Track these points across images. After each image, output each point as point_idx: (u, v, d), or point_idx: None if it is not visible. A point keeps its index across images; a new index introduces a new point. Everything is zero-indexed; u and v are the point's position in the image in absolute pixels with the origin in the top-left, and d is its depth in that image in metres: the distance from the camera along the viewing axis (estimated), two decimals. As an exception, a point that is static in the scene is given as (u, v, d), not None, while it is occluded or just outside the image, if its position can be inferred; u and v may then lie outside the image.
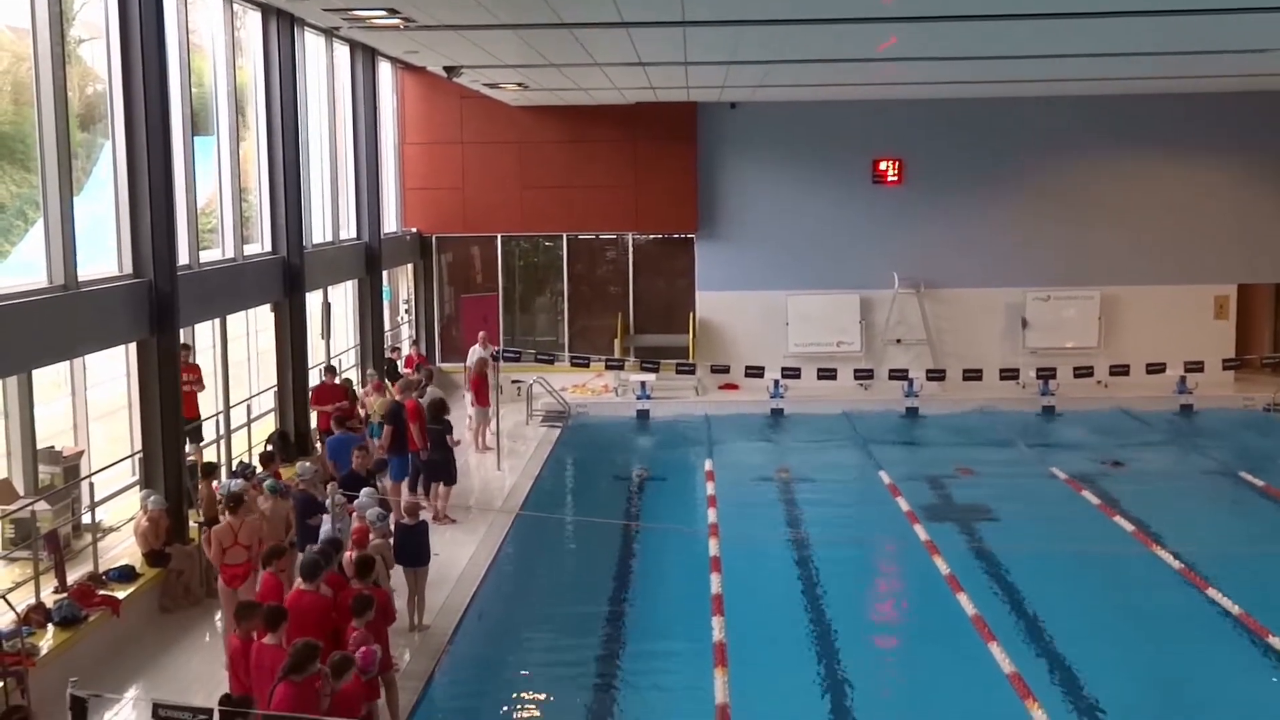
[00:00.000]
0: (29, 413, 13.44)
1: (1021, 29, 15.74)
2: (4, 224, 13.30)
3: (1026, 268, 27.61)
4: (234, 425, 17.78)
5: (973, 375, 23.87)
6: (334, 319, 22.35)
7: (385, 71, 26.16)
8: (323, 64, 22.25)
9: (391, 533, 13.28)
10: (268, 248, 19.19)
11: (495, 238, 28.30)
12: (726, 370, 25.04)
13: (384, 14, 15.02)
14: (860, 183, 27.73)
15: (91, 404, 15.05)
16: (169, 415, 14.59)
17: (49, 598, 12.19)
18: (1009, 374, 24.21)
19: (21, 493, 13.29)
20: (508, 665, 12.93)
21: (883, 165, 27.69)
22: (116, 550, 14.17)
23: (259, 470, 15.52)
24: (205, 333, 17.85)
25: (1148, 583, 15.39)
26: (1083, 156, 27.55)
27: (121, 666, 12.12)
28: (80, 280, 13.24)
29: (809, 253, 27.69)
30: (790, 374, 23.83)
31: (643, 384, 25.78)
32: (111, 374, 15.58)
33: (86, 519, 14.06)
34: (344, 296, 24.17)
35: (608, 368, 25.57)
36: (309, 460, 16.13)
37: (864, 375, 25.20)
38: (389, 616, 11.09)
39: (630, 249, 28.39)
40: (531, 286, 28.87)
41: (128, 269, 14.47)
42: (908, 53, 18.70)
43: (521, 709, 11.96)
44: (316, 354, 21.12)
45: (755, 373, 23.68)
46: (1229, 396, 26.37)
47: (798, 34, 16.31)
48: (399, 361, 24.74)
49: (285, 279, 19.16)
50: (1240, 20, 15.20)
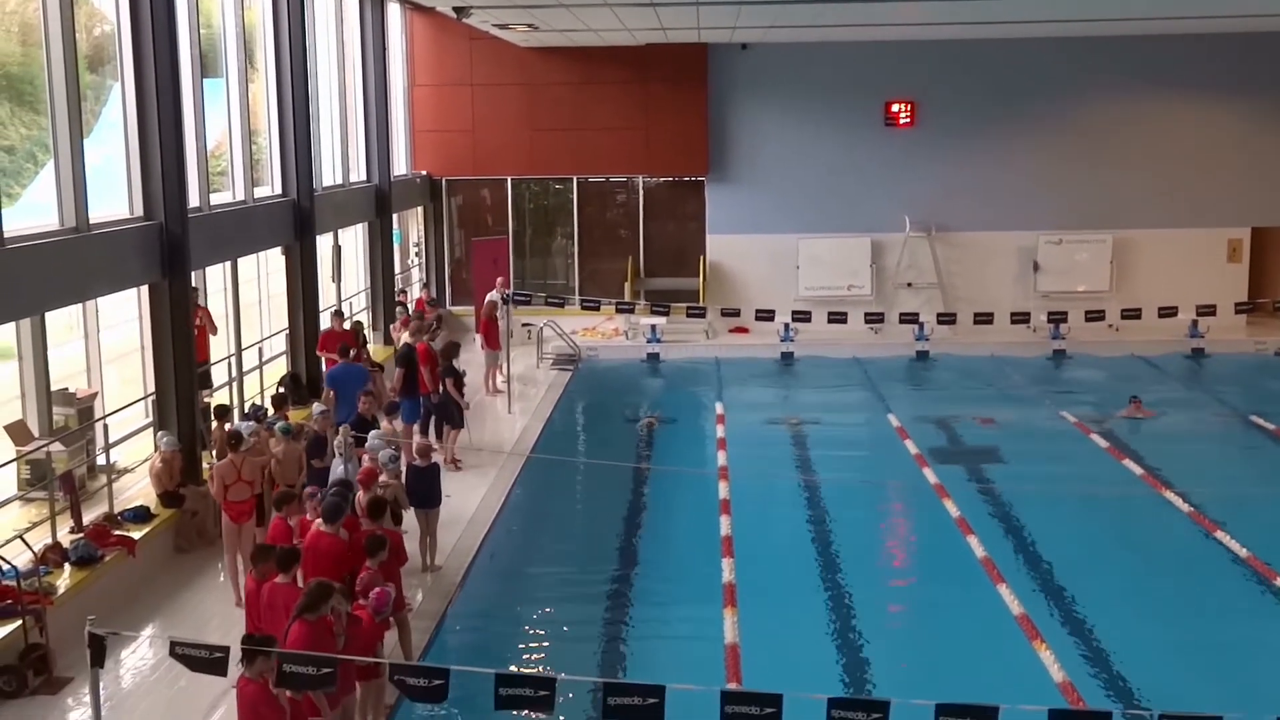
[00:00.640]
0: (43, 355, 13.51)
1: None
2: (14, 166, 13.29)
3: (1038, 211, 27.44)
4: (246, 368, 17.87)
5: (983, 319, 23.81)
6: (344, 262, 22.36)
7: (394, 13, 25.96)
8: (331, 5, 22.09)
9: (402, 474, 13.38)
10: (278, 190, 19.16)
11: (505, 180, 28.19)
12: (737, 314, 25.01)
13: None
14: (872, 125, 27.52)
15: (105, 346, 15.12)
16: (182, 357, 14.66)
17: (65, 538, 12.31)
18: (1020, 318, 24.15)
19: (37, 434, 13.39)
20: (519, 605, 13.06)
21: (895, 107, 27.47)
22: (131, 491, 14.31)
23: (270, 413, 15.61)
24: (216, 276, 17.88)
25: (1157, 526, 15.46)
26: (1096, 99, 27.27)
27: (138, 605, 12.26)
28: (92, 223, 13.24)
29: (820, 196, 27.55)
30: (801, 317, 23.80)
31: (653, 327, 25.82)
32: (124, 316, 15.63)
33: (101, 460, 14.18)
34: (354, 239, 24.17)
35: (618, 311, 25.55)
36: (321, 403, 16.22)
37: (874, 319, 25.17)
38: (401, 558, 11.19)
39: (641, 192, 28.28)
40: (542, 229, 28.80)
41: (139, 211, 14.47)
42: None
43: (532, 648, 12.08)
44: (327, 297, 21.15)
45: (766, 316, 23.68)
46: (1241, 340, 26.32)
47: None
48: (408, 304, 24.76)
49: (295, 222, 19.15)
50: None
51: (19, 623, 10.53)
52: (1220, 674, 11.24)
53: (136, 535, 12.88)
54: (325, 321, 20.07)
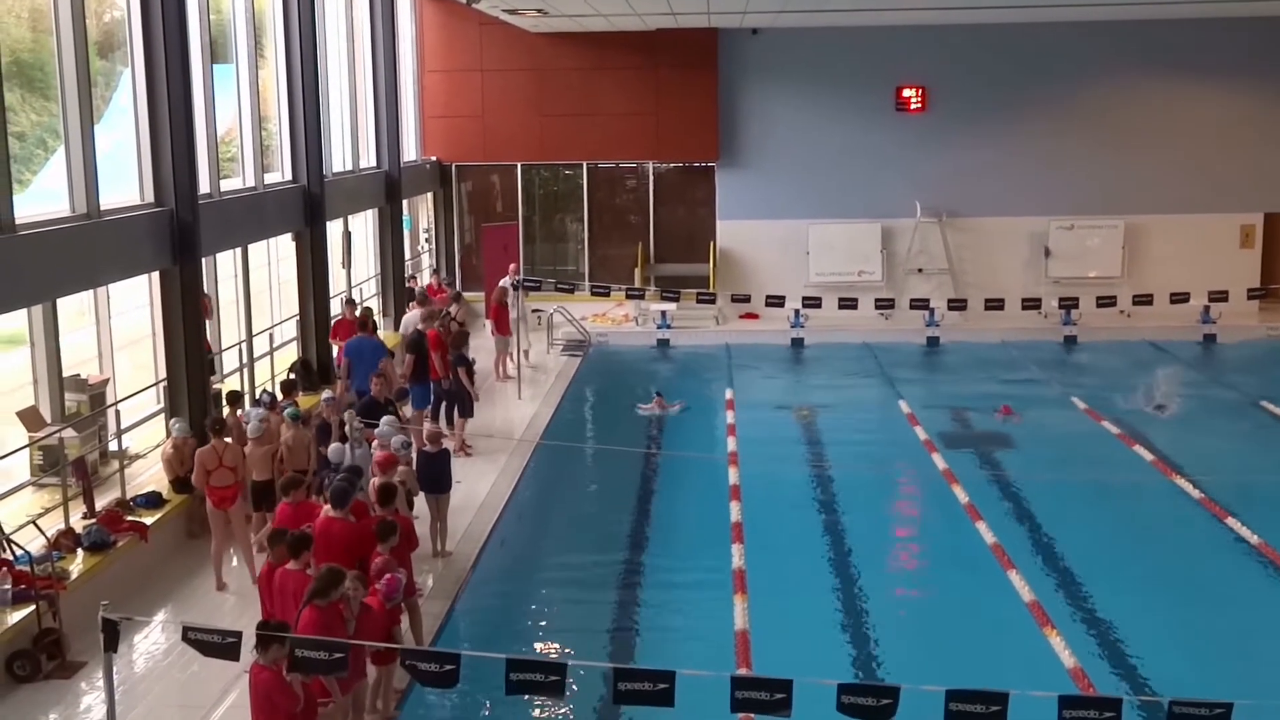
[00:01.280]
0: (55, 341, 13.55)
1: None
2: (25, 153, 13.31)
3: (1050, 196, 27.35)
4: (256, 354, 17.89)
5: (994, 305, 23.77)
6: (354, 248, 22.37)
7: (404, -2, 25.93)
8: (341, -10, 22.07)
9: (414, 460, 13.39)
10: (288, 176, 19.17)
11: (515, 166, 28.18)
12: (747, 299, 24.93)
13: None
14: (883, 110, 27.43)
15: (116, 332, 15.16)
16: (192, 343, 14.71)
17: (78, 523, 12.36)
18: (1031, 304, 24.07)
19: (49, 420, 13.44)
20: (529, 591, 13.09)
21: (906, 92, 27.37)
22: (143, 477, 14.35)
23: (280, 399, 15.62)
24: (226, 262, 17.89)
25: (1167, 512, 15.42)
26: (1108, 84, 27.14)
27: (150, 590, 12.32)
28: (102, 209, 13.26)
29: (831, 181, 27.49)
30: (811, 303, 23.76)
31: (663, 313, 25.82)
32: (135, 303, 15.66)
33: (113, 446, 14.23)
34: (364, 225, 24.17)
35: (628, 297, 25.54)
36: (337, 374, 16.25)
37: (885, 305, 25.09)
38: (412, 543, 11.21)
39: (651, 177, 28.24)
40: (552, 215, 28.79)
41: (149, 198, 14.50)
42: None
43: (543, 633, 12.12)
44: (338, 283, 21.16)
45: (776, 302, 23.64)
46: (1253, 326, 26.22)
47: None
48: (417, 289, 24.74)
49: (306, 208, 19.17)
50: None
51: (32, 608, 10.59)
52: (1230, 661, 11.21)
53: (149, 521, 12.93)
54: (336, 308, 20.10)
